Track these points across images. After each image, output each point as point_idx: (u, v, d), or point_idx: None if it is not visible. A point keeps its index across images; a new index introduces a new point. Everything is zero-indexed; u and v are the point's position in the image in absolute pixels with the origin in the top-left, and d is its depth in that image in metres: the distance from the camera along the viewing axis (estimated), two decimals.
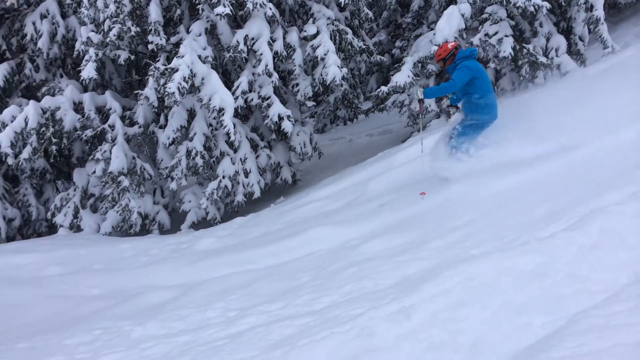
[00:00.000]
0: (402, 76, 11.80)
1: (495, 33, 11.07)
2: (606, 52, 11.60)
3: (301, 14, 12.75)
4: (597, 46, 12.10)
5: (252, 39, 10.77)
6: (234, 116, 10.72)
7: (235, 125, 10.71)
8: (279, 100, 11.21)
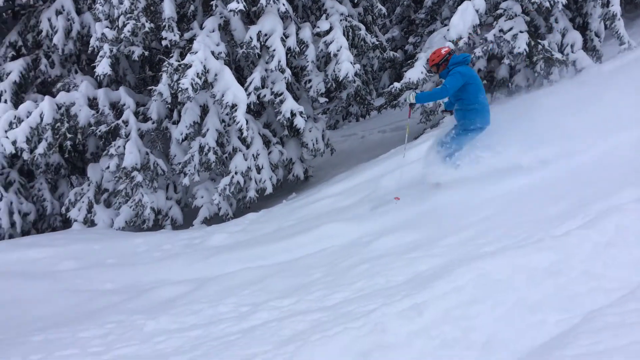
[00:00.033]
0: (415, 72, 11.75)
1: (510, 29, 10.98)
2: (622, 49, 11.48)
3: (314, 10, 12.72)
4: (613, 42, 11.98)
5: (265, 35, 10.77)
6: (247, 112, 10.73)
7: (247, 121, 10.73)
8: (292, 96, 11.20)
